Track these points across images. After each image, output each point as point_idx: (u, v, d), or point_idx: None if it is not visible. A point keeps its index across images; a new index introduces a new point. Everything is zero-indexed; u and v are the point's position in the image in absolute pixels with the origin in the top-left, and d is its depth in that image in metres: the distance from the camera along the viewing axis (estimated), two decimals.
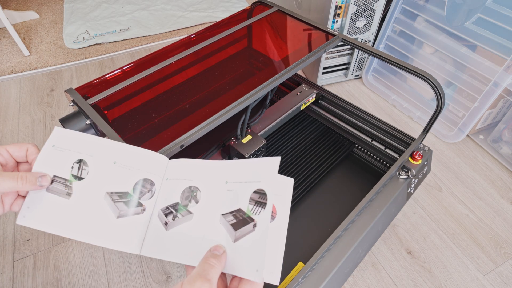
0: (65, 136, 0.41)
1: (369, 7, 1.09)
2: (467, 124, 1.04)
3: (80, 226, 0.38)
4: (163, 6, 1.76)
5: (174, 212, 0.39)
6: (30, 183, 0.36)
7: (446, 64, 1.06)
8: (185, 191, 0.40)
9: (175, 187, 0.41)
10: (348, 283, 0.78)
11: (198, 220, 0.39)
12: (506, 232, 0.88)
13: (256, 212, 0.36)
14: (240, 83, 0.62)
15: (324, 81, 1.30)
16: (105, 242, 0.38)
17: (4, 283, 0.77)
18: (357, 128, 0.88)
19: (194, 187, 0.40)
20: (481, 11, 0.92)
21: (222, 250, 0.35)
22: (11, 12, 1.63)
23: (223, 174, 0.40)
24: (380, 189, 0.65)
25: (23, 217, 0.37)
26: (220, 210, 0.38)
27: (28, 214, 0.37)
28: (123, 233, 0.38)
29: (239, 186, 0.38)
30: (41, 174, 0.37)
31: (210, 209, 0.39)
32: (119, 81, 0.63)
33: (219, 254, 0.34)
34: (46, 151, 0.40)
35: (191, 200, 0.40)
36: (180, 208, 0.39)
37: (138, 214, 0.40)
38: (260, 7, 0.82)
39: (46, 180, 0.38)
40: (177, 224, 0.39)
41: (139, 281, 0.78)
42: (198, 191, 0.40)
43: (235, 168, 0.40)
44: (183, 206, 0.40)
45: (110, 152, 0.41)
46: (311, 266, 0.53)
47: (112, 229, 0.38)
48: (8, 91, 1.30)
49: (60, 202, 0.38)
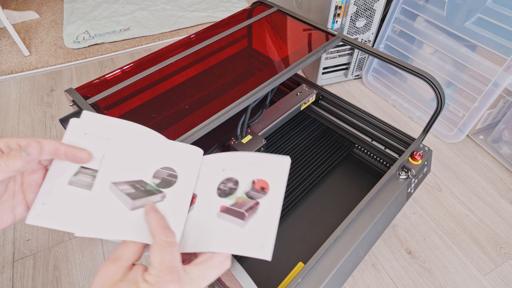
0: (95, 121, 0.38)
1: (369, 7, 1.09)
2: (467, 124, 1.04)
3: (100, 221, 0.34)
4: (163, 6, 1.76)
5: (142, 188, 0.36)
6: (14, 157, 0.29)
7: (446, 64, 1.06)
8: (161, 172, 0.38)
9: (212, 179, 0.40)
10: (348, 283, 0.78)
11: (198, 210, 0.38)
12: (506, 232, 0.88)
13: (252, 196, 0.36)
14: (240, 83, 0.62)
15: (324, 81, 1.30)
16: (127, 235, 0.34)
17: (4, 283, 0.77)
18: (357, 128, 0.88)
19: (173, 174, 0.38)
20: (481, 11, 0.92)
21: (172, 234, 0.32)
22: (11, 12, 1.63)
23: (221, 163, 0.40)
24: (380, 189, 0.65)
25: (36, 215, 0.33)
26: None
27: (43, 212, 0.33)
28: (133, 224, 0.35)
29: (239, 173, 0.38)
30: (27, 142, 0.30)
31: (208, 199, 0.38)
32: (119, 81, 0.63)
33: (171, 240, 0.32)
34: (72, 137, 0.36)
35: (165, 183, 0.38)
36: (150, 185, 0.37)
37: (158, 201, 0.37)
38: (260, 7, 0.82)
39: (34, 147, 0.30)
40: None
41: None
42: (176, 180, 0.38)
43: (239, 158, 0.39)
44: (154, 185, 0.37)
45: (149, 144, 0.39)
46: (311, 266, 0.53)
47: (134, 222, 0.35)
48: (8, 91, 1.30)
49: (81, 195, 0.34)
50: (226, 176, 0.39)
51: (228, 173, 0.39)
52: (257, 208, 0.36)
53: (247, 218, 0.35)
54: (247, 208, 0.36)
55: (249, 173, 0.38)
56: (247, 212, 0.36)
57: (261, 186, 0.37)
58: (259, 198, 0.36)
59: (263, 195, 0.36)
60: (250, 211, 0.36)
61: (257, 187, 0.37)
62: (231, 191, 0.38)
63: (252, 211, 0.36)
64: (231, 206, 0.37)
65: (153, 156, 0.39)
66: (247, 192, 0.37)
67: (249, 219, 0.35)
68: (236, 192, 0.37)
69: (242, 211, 0.36)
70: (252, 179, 0.38)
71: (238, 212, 0.36)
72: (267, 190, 0.36)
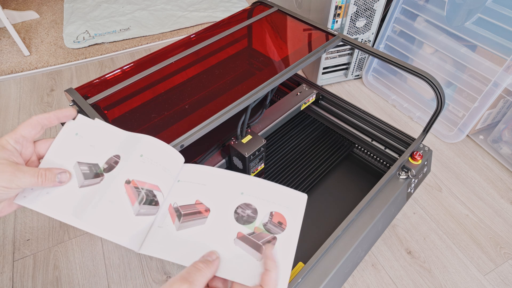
0: (87, 125, 0.41)
1: (369, 7, 1.09)
2: (467, 124, 1.04)
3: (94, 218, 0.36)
4: (163, 6, 1.76)
5: (93, 170, 0.39)
6: (49, 180, 0.36)
7: (446, 64, 1.06)
8: (111, 159, 0.39)
9: (190, 190, 0.41)
10: (348, 283, 0.78)
11: (211, 226, 0.38)
12: (506, 232, 0.88)
13: (269, 230, 0.36)
14: (240, 83, 0.62)
15: (324, 81, 1.30)
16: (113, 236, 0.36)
17: (4, 283, 0.77)
18: (357, 128, 0.88)
19: (116, 160, 0.39)
20: (481, 11, 0.92)
21: (215, 256, 0.35)
22: (11, 12, 1.63)
23: (240, 185, 0.40)
24: (380, 189, 0.65)
25: (23, 197, 0.36)
26: (233, 223, 0.38)
27: (30, 195, 0.36)
28: (133, 230, 0.37)
29: (259, 202, 0.38)
30: (60, 171, 0.37)
31: (223, 218, 0.39)
32: (119, 81, 0.63)
33: (210, 259, 0.34)
34: (64, 138, 0.39)
35: (109, 167, 0.39)
36: (99, 169, 0.39)
37: (153, 215, 0.39)
38: (260, 7, 0.82)
39: (65, 177, 0.37)
40: (189, 226, 0.39)
41: (139, 281, 0.78)
42: (119, 163, 0.39)
43: (256, 185, 0.40)
44: (101, 169, 0.39)
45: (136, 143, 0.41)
46: (311, 266, 0.53)
47: (126, 224, 0.37)
48: (8, 91, 1.30)
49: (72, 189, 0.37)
50: (244, 201, 0.39)
51: (246, 198, 0.39)
52: (275, 243, 0.36)
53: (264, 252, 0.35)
54: (265, 241, 0.36)
55: (267, 204, 0.38)
56: (265, 246, 0.36)
57: (279, 221, 0.37)
58: (277, 234, 0.36)
59: (280, 231, 0.36)
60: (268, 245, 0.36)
61: (275, 221, 0.37)
62: (250, 219, 0.38)
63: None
64: (248, 235, 0.37)
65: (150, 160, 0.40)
66: (264, 224, 0.37)
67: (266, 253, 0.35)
68: (255, 222, 0.37)
69: (260, 244, 0.36)
70: (270, 210, 0.38)
71: (256, 244, 0.36)
72: (284, 226, 0.36)
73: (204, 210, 0.39)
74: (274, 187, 0.39)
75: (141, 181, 0.38)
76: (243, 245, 0.36)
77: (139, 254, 0.82)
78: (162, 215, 0.40)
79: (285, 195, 0.39)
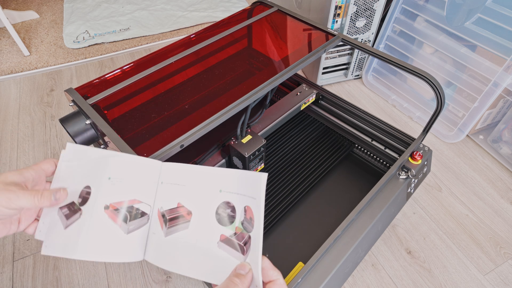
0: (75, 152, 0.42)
1: (369, 7, 1.09)
2: (467, 124, 1.04)
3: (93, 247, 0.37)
4: (163, 6, 1.76)
5: (71, 208, 0.39)
6: (46, 198, 0.36)
7: (446, 64, 1.06)
8: (82, 192, 0.39)
9: (171, 193, 0.40)
10: (348, 283, 0.78)
11: (194, 230, 0.38)
12: (506, 232, 0.88)
13: (245, 228, 0.36)
14: (240, 83, 0.62)
15: (324, 81, 1.30)
16: (112, 257, 0.37)
17: (4, 283, 0.77)
18: (357, 128, 0.88)
19: (87, 191, 0.40)
20: (481, 11, 0.92)
21: (248, 268, 0.34)
22: (11, 12, 1.62)
23: (218, 182, 0.39)
24: (380, 189, 0.65)
25: (45, 247, 0.38)
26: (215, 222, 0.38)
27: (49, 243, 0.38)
28: (131, 245, 0.38)
29: (235, 198, 0.37)
30: (55, 190, 0.38)
31: (205, 221, 0.38)
32: (119, 81, 0.63)
33: (243, 273, 0.33)
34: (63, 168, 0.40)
35: (82, 200, 0.39)
36: (76, 205, 0.39)
37: (145, 224, 0.39)
38: (260, 7, 0.82)
39: (61, 194, 0.38)
40: (175, 231, 0.38)
41: (139, 281, 0.78)
42: (90, 193, 0.39)
43: (229, 177, 0.39)
44: (77, 204, 0.39)
45: (104, 166, 0.40)
46: (311, 266, 0.53)
47: (121, 244, 0.38)
48: (8, 91, 1.30)
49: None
50: (223, 199, 0.38)
51: (225, 195, 0.38)
52: (250, 243, 0.35)
53: (246, 253, 0.35)
54: (244, 241, 0.35)
55: (241, 199, 0.37)
56: (245, 247, 0.35)
57: (250, 216, 0.36)
58: (250, 231, 0.35)
59: (252, 227, 0.35)
60: (247, 246, 0.35)
61: (248, 217, 0.36)
62: (230, 219, 0.37)
63: (248, 246, 0.35)
64: (231, 237, 0.36)
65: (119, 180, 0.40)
66: (242, 222, 0.36)
67: (247, 254, 0.35)
68: (235, 221, 0.37)
69: (243, 245, 0.35)
70: (243, 205, 0.37)
71: (239, 246, 0.36)
72: (253, 222, 0.35)
73: (187, 214, 0.39)
74: (242, 174, 0.37)
75: (117, 201, 0.38)
76: (226, 248, 0.36)
77: None
78: (154, 221, 0.40)
79: (249, 182, 0.37)
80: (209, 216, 0.38)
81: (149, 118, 0.56)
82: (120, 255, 0.37)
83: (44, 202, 0.36)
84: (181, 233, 0.38)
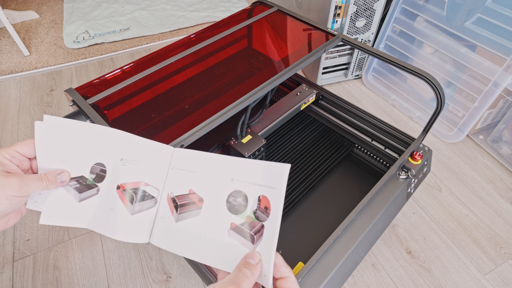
0: (59, 125, 0.40)
1: (369, 7, 1.09)
2: (467, 124, 1.04)
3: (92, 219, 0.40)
4: (163, 6, 1.76)
5: (82, 182, 0.41)
6: (51, 182, 0.38)
7: (446, 64, 1.06)
8: (94, 168, 0.41)
9: (182, 179, 0.41)
10: (348, 283, 0.78)
11: (205, 217, 0.38)
12: (506, 232, 0.88)
13: (258, 217, 0.36)
14: (240, 83, 0.62)
15: (324, 81, 1.30)
16: (118, 235, 0.39)
17: (4, 283, 0.77)
18: (357, 128, 0.88)
19: (102, 168, 0.41)
20: (481, 11, 0.92)
21: (258, 259, 0.33)
22: (11, 12, 1.62)
23: (229, 170, 0.39)
24: (380, 189, 0.65)
25: (47, 217, 0.39)
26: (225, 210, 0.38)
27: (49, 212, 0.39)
28: (136, 226, 0.40)
29: (248, 187, 0.37)
30: (59, 171, 0.39)
31: (216, 208, 0.38)
32: (119, 81, 0.63)
33: (253, 263, 0.33)
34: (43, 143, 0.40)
35: (98, 177, 0.41)
36: (89, 180, 0.41)
37: (152, 207, 0.40)
38: (260, 7, 0.82)
39: (64, 176, 0.39)
40: (186, 218, 0.39)
41: (139, 281, 0.78)
42: (106, 172, 0.41)
43: (243, 166, 0.38)
44: (91, 180, 0.41)
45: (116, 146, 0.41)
46: (311, 266, 0.53)
47: (127, 223, 0.39)
48: (8, 91, 1.30)
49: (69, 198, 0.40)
50: (235, 188, 0.38)
51: (237, 184, 0.38)
52: (263, 232, 0.35)
53: (256, 242, 0.35)
54: (256, 230, 0.35)
55: (255, 188, 0.37)
56: (256, 236, 0.35)
57: (265, 205, 0.36)
58: (264, 221, 0.35)
59: (266, 217, 0.35)
60: (258, 235, 0.35)
61: (262, 207, 0.36)
62: (241, 208, 0.37)
63: (259, 235, 0.35)
64: (241, 226, 0.36)
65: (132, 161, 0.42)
66: (254, 211, 0.36)
67: (257, 243, 0.35)
68: (246, 210, 0.37)
69: (253, 234, 0.35)
70: (258, 195, 0.37)
71: (249, 234, 0.36)
72: (269, 211, 0.35)
73: (198, 201, 0.39)
74: (259, 165, 0.37)
75: (126, 182, 0.40)
76: (236, 236, 0.36)
77: (139, 254, 0.82)
78: (163, 205, 0.41)
79: (270, 172, 0.36)
80: (220, 204, 0.38)
81: (149, 118, 0.56)
82: (125, 234, 0.39)
83: (50, 185, 0.37)
84: (192, 219, 0.39)
